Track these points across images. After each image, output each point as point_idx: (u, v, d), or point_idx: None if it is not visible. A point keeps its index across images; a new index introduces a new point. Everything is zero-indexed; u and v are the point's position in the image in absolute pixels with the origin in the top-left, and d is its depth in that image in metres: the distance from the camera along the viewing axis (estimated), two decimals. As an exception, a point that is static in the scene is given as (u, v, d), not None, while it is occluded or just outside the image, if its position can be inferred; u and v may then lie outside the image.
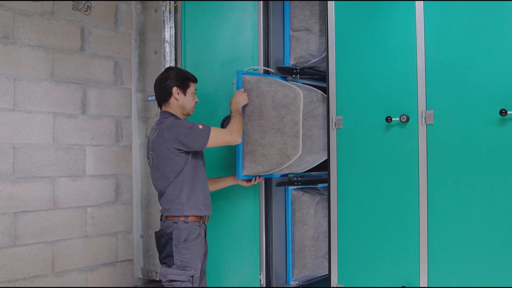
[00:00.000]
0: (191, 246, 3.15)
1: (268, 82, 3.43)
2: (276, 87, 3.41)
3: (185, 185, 3.18)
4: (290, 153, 3.39)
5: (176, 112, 3.31)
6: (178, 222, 3.16)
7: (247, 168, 3.46)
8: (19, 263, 3.86)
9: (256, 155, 3.42)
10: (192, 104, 3.37)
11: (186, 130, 3.12)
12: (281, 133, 3.39)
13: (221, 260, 3.99)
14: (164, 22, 4.44)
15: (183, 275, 3.11)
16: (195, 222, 3.20)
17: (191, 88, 3.35)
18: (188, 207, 3.18)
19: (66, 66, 4.17)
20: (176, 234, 3.14)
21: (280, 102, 3.38)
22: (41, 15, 4.02)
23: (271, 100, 3.39)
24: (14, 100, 3.87)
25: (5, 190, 3.80)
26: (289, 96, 3.37)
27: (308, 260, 4.13)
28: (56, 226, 4.08)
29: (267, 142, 3.40)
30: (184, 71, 3.40)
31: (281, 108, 3.38)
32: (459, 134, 3.06)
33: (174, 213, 3.17)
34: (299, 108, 3.37)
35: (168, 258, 3.15)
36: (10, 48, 3.85)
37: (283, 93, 3.38)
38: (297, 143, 3.38)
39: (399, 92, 3.28)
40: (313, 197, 4.19)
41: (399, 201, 3.27)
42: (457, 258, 3.07)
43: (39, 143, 4.00)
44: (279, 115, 3.38)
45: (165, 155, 3.16)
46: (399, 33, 3.27)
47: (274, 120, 3.38)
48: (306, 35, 4.06)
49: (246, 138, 3.44)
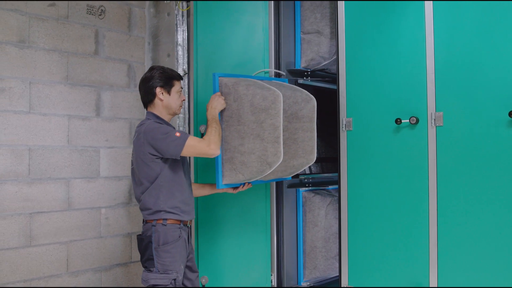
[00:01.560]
0: (171, 248, 3.06)
1: (246, 84, 3.23)
2: (254, 89, 3.19)
3: (161, 192, 3.08)
4: (271, 160, 3.17)
5: (161, 113, 3.20)
6: (157, 225, 3.07)
7: (227, 176, 3.30)
8: (34, 263, 3.93)
9: (236, 162, 3.25)
10: (178, 103, 3.24)
11: (161, 135, 3.01)
12: (261, 139, 3.18)
13: (233, 260, 4.03)
14: (177, 25, 4.49)
15: (165, 279, 3.03)
16: (174, 224, 3.10)
17: (176, 86, 3.22)
18: (166, 212, 3.08)
19: (81, 69, 4.24)
20: (155, 237, 3.06)
21: (258, 105, 3.16)
22: (56, 20, 4.10)
23: (249, 104, 3.18)
24: (30, 103, 3.94)
25: (21, 191, 3.87)
26: (268, 99, 3.15)
27: (319, 261, 4.15)
28: (71, 227, 4.15)
29: (246, 149, 3.21)
30: (168, 70, 3.25)
31: (260, 113, 3.17)
32: (468, 135, 3.07)
33: (152, 217, 3.09)
34: (279, 111, 3.14)
35: (148, 262, 3.07)
36: (26, 52, 3.93)
37: (261, 96, 3.16)
38: (278, 150, 3.16)
39: (409, 94, 3.29)
40: (324, 199, 4.21)
41: (409, 202, 3.29)
42: (467, 258, 3.07)
43: (54, 145, 4.07)
44: (258, 120, 3.17)
45: (141, 159, 3.08)
46: (409, 35, 3.29)
47: (253, 125, 3.18)
48: (317, 38, 4.09)
49: (225, 144, 3.28)
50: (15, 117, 3.86)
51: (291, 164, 3.44)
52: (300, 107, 3.44)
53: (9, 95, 3.83)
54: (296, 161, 3.46)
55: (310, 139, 3.50)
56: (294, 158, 3.44)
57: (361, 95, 3.51)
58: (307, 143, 3.49)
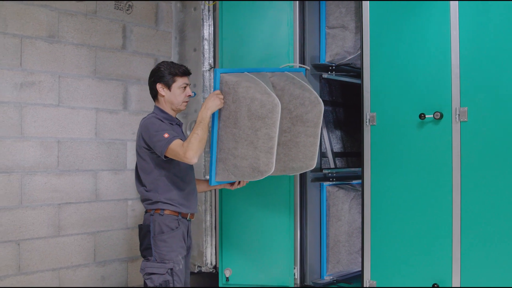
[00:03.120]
0: (168, 238, 3.10)
1: (246, 86, 3.10)
2: (253, 93, 3.06)
3: (159, 186, 3.13)
4: (263, 169, 3.12)
5: (165, 108, 3.23)
6: (155, 215, 3.12)
7: (220, 175, 3.24)
8: (62, 252, 4.03)
9: (229, 164, 3.20)
10: (181, 99, 3.21)
11: (153, 132, 3.04)
12: (254, 147, 3.10)
13: (256, 253, 4.06)
14: (203, 20, 4.53)
15: (161, 268, 3.06)
16: (171, 215, 3.14)
17: (178, 82, 3.19)
18: (164, 203, 3.13)
19: (108, 63, 4.32)
20: (153, 226, 3.11)
21: (255, 112, 3.05)
22: (85, 15, 4.18)
23: (246, 108, 3.08)
24: (59, 97, 4.04)
25: (50, 182, 3.97)
26: (266, 107, 3.03)
27: (342, 255, 4.16)
28: (98, 218, 4.24)
29: (240, 154, 3.14)
30: (172, 65, 3.23)
31: (256, 120, 3.06)
32: (493, 131, 3.04)
33: (151, 207, 3.14)
34: (275, 122, 3.05)
35: (146, 251, 3.12)
36: (55, 47, 4.02)
37: (260, 102, 3.04)
38: (270, 160, 3.09)
39: (433, 89, 3.27)
40: (347, 193, 4.21)
41: (432, 198, 3.27)
42: (491, 258, 3.04)
43: (82, 138, 4.16)
44: (254, 127, 3.08)
45: (138, 153, 3.17)
46: (433, 30, 3.26)
47: (248, 131, 3.09)
48: (342, 32, 4.08)
49: (220, 144, 3.21)
50: (45, 110, 3.96)
51: (290, 166, 3.41)
52: (306, 110, 3.32)
53: (39, 89, 3.93)
54: (296, 164, 3.40)
55: (312, 145, 3.39)
56: (294, 161, 3.39)
57: (385, 90, 3.49)
58: (309, 149, 3.39)
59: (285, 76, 3.39)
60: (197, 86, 4.53)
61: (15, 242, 3.81)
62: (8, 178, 3.78)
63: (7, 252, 3.77)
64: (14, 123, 3.81)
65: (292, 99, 3.28)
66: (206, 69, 4.50)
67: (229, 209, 4.17)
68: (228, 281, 4.10)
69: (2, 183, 3.75)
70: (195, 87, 4.55)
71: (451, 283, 3.17)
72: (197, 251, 4.48)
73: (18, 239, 3.82)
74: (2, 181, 3.75)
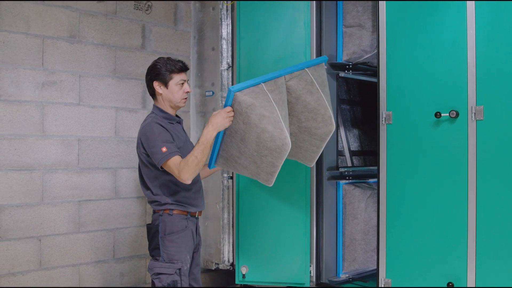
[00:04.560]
0: (177, 238, 3.11)
1: (260, 114, 2.93)
2: (266, 125, 2.92)
3: (164, 190, 3.13)
4: (262, 181, 3.16)
5: (164, 106, 3.19)
6: (163, 215, 3.12)
7: (220, 164, 3.28)
8: (82, 249, 4.11)
9: (230, 165, 3.23)
10: (179, 96, 3.16)
11: (152, 143, 3.00)
12: (257, 166, 3.09)
13: (273, 251, 4.09)
14: (221, 19, 4.58)
15: (170, 268, 3.07)
16: (180, 214, 3.14)
17: (175, 79, 3.14)
18: (171, 204, 3.13)
19: (128, 63, 4.39)
20: (162, 227, 3.11)
21: (264, 143, 2.95)
22: (105, 15, 4.25)
23: (256, 135, 2.96)
24: (79, 96, 4.11)
25: (71, 179, 4.05)
26: (276, 142, 2.93)
27: (358, 253, 4.17)
28: (117, 215, 4.31)
29: (242, 163, 3.13)
30: (168, 62, 3.16)
31: (263, 148, 2.98)
32: (509, 129, 3.03)
33: (159, 208, 3.15)
34: (282, 156, 2.99)
35: (155, 251, 3.13)
36: (76, 47, 4.10)
37: (271, 136, 2.92)
38: (270, 180, 3.12)
39: (449, 88, 3.27)
40: (364, 192, 4.22)
41: (448, 197, 3.27)
42: (506, 257, 3.03)
43: (102, 136, 4.23)
44: (260, 153, 3.01)
45: (139, 156, 3.16)
46: (450, 29, 3.26)
47: (254, 153, 3.03)
48: (359, 31, 4.09)
49: (224, 146, 3.16)
50: (66, 109, 4.04)
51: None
52: (316, 126, 3.25)
53: (60, 88, 4.01)
54: (292, 157, 3.44)
55: (314, 152, 3.39)
56: (292, 156, 3.41)
57: (401, 88, 3.50)
58: (310, 154, 3.40)
59: (303, 79, 3.22)
60: (215, 85, 4.57)
61: (36, 238, 3.89)
62: (30, 175, 3.87)
63: (29, 247, 3.86)
64: (36, 122, 3.90)
65: (305, 110, 3.22)
66: (224, 68, 4.54)
67: (245, 207, 4.21)
68: (245, 278, 4.14)
69: (24, 180, 3.84)
70: (213, 86, 4.60)
71: (466, 282, 3.17)
72: (214, 248, 4.53)
73: (40, 235, 3.91)
74: (24, 178, 3.84)
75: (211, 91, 4.62)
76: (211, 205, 4.55)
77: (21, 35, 3.84)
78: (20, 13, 3.83)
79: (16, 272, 3.80)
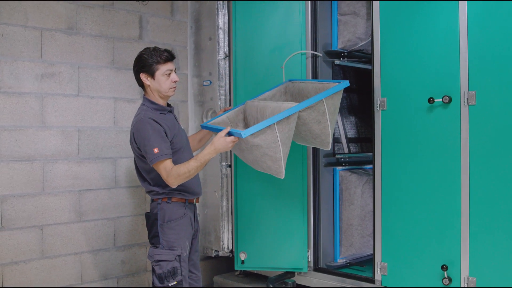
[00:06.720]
0: (176, 226, 3.17)
1: (263, 153, 3.06)
2: (266, 160, 3.09)
3: (161, 181, 3.15)
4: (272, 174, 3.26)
5: (153, 97, 3.22)
6: (162, 203, 3.18)
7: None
8: (84, 237, 4.17)
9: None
10: (166, 86, 3.19)
11: (145, 141, 3.05)
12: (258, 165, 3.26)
13: (271, 237, 4.15)
14: (217, 9, 4.60)
15: (169, 254, 3.13)
16: (179, 202, 3.21)
17: (161, 70, 3.15)
18: (169, 193, 3.19)
19: (126, 53, 4.43)
20: (161, 215, 3.17)
21: (262, 164, 3.17)
22: (102, 7, 4.29)
23: (255, 158, 3.16)
24: (78, 87, 4.16)
25: (71, 169, 4.11)
26: (272, 171, 3.15)
27: (355, 238, 4.23)
28: (118, 204, 4.38)
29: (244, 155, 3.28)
30: (153, 52, 3.16)
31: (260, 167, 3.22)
32: (501, 114, 3.07)
33: (158, 197, 3.20)
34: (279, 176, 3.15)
35: (154, 239, 3.18)
36: (74, 38, 4.14)
37: (268, 167, 3.14)
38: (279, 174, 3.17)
39: (442, 73, 3.30)
40: (360, 178, 4.27)
41: (441, 182, 3.31)
42: (499, 240, 3.08)
43: (101, 126, 4.29)
44: (259, 165, 3.22)
45: (133, 150, 3.21)
46: (442, 15, 3.29)
47: (253, 161, 3.23)
48: (354, 19, 4.13)
49: None
50: (65, 100, 4.09)
51: None
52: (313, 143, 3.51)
53: (59, 80, 4.06)
54: None
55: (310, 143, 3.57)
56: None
57: (395, 75, 3.54)
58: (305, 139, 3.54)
59: (317, 110, 3.27)
60: (212, 75, 4.61)
61: (38, 227, 3.96)
62: (31, 166, 3.93)
63: (31, 236, 3.93)
64: (35, 113, 3.95)
65: (308, 132, 3.38)
66: (221, 57, 4.58)
67: (244, 195, 4.27)
68: (244, 264, 4.21)
69: (25, 170, 3.90)
70: (210, 76, 4.64)
71: (460, 265, 3.22)
72: (214, 236, 4.59)
73: (41, 224, 3.97)
74: (25, 168, 3.90)
75: (209, 80, 4.66)
76: (210, 193, 4.61)
77: (20, 27, 3.88)
78: (18, 6, 3.87)
79: (19, 261, 3.87)
